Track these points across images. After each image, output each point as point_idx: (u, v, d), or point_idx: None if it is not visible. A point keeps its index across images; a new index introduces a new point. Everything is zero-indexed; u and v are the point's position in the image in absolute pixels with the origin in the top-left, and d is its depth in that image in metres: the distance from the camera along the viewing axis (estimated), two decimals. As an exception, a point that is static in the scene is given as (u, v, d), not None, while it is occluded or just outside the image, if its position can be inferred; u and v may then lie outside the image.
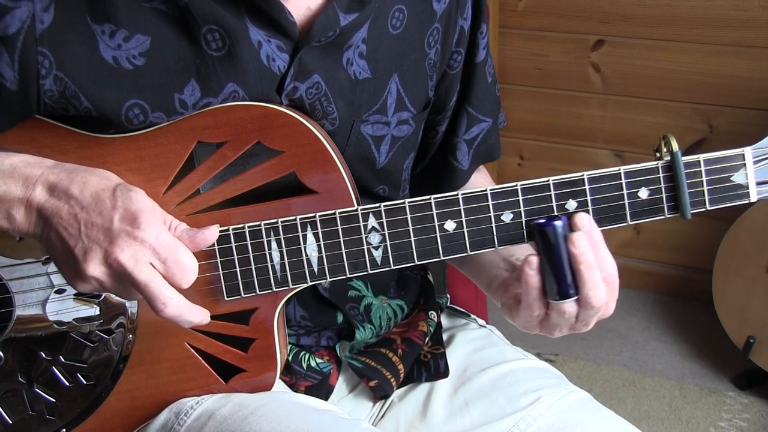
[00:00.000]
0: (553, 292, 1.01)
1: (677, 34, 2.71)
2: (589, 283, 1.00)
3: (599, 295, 1.00)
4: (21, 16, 0.97)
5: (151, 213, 0.97)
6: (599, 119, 2.92)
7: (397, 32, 1.14)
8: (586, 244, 0.99)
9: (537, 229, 1.01)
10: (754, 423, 2.45)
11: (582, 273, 0.99)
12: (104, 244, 0.96)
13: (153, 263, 0.97)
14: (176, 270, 0.97)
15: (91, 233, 0.97)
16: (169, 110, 1.03)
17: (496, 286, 1.15)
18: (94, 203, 0.97)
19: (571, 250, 0.99)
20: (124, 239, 0.96)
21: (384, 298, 1.27)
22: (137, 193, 0.98)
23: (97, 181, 0.99)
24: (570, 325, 1.05)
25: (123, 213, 0.96)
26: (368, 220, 1.04)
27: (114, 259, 0.96)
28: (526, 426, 1.17)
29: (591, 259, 0.99)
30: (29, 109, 1.01)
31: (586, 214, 1.01)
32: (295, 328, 1.21)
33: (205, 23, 1.02)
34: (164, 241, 0.97)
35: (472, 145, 1.28)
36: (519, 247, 1.12)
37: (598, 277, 1.00)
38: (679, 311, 2.92)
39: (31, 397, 1.09)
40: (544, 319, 1.05)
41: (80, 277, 0.98)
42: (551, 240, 1.00)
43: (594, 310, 1.02)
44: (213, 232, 1.02)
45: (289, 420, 1.04)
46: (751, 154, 1.03)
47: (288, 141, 1.04)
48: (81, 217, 0.97)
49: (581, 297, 1.01)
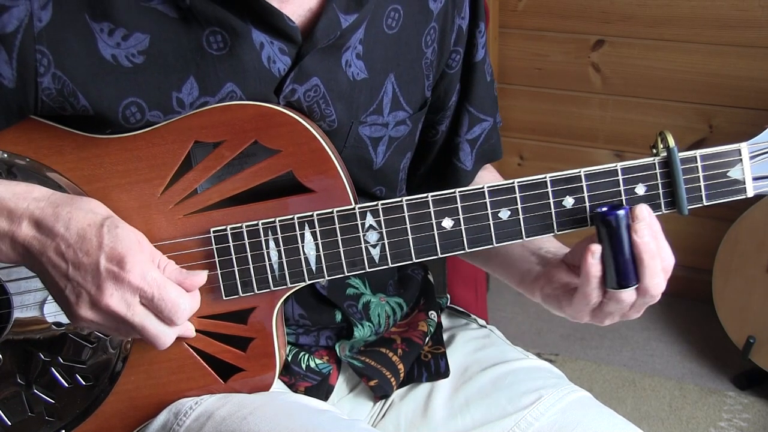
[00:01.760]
0: (613, 281, 1.02)
1: (677, 34, 2.70)
2: (651, 272, 1.02)
3: (659, 284, 1.03)
4: (19, 14, 0.97)
5: (138, 251, 0.97)
6: (599, 119, 2.92)
7: (393, 32, 1.14)
8: (650, 233, 1.01)
9: (600, 218, 1.01)
10: (754, 423, 2.44)
11: (645, 262, 1.01)
12: (92, 288, 0.97)
13: (143, 303, 0.98)
14: (165, 308, 0.99)
15: (79, 275, 0.97)
16: (166, 109, 1.03)
17: (530, 280, 1.16)
18: (80, 241, 0.97)
19: (635, 239, 1.00)
20: (111, 283, 0.96)
21: (382, 295, 1.27)
22: (124, 229, 0.98)
23: (83, 216, 0.98)
24: (622, 313, 1.07)
25: (109, 253, 0.96)
26: (366, 218, 1.04)
27: (104, 304, 0.97)
28: (526, 425, 1.17)
29: (654, 249, 1.01)
30: (26, 108, 1.01)
31: (645, 206, 1.02)
32: (293, 327, 1.21)
33: (208, 25, 1.02)
34: (152, 280, 0.97)
35: (475, 145, 1.29)
36: (547, 240, 1.14)
37: (659, 266, 1.02)
38: (679, 311, 2.92)
39: (31, 399, 1.09)
40: (597, 307, 1.06)
41: (74, 317, 1.00)
42: (615, 229, 1.01)
43: (652, 298, 1.04)
44: (202, 278, 1.03)
45: (288, 420, 1.04)
46: (747, 149, 1.04)
47: (285, 140, 1.04)
48: (68, 257, 0.97)
49: (642, 286, 1.02)
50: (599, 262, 1.02)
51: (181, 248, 1.06)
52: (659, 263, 1.02)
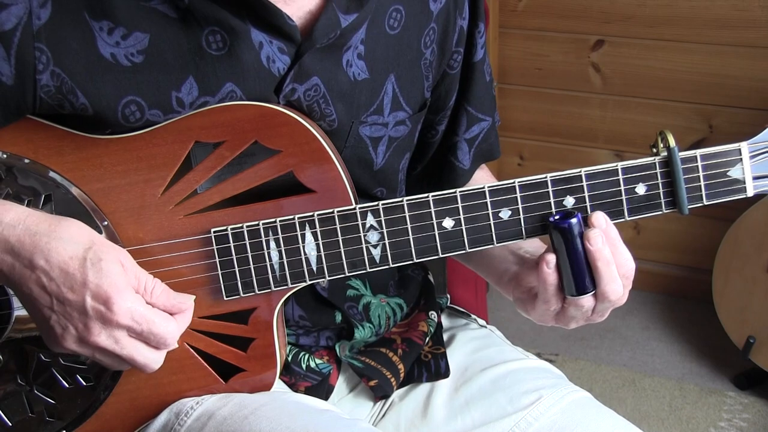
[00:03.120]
0: (571, 288, 1.03)
1: (677, 34, 2.71)
2: (606, 278, 1.02)
3: (616, 289, 1.03)
4: (18, 12, 0.97)
5: (123, 288, 0.97)
6: (599, 119, 2.92)
7: (395, 32, 1.14)
8: (603, 240, 1.01)
9: (553, 227, 1.02)
10: (754, 423, 2.44)
11: (599, 269, 1.01)
12: (79, 324, 0.97)
13: (132, 336, 0.98)
14: (154, 339, 0.99)
15: (64, 309, 0.96)
16: (166, 108, 1.03)
17: (507, 280, 1.16)
18: (62, 276, 0.96)
19: (588, 246, 1.01)
20: (98, 323, 0.96)
21: (383, 296, 1.27)
22: (108, 260, 0.96)
23: (63, 247, 0.96)
24: (586, 317, 1.07)
25: (95, 291, 0.96)
26: (367, 218, 1.04)
27: (93, 342, 0.97)
28: (526, 426, 1.17)
29: (608, 255, 1.01)
30: (25, 106, 1.01)
31: (601, 213, 1.03)
32: (294, 327, 1.21)
33: (207, 25, 1.02)
34: (140, 316, 0.97)
35: (473, 144, 1.29)
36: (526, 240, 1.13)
37: (615, 272, 1.02)
38: (679, 311, 2.92)
39: (31, 399, 1.09)
40: (560, 312, 1.07)
41: (59, 348, 0.99)
42: (568, 237, 1.01)
43: (611, 303, 1.04)
44: (190, 302, 1.03)
45: (289, 420, 1.04)
46: (747, 149, 1.04)
47: (286, 140, 1.04)
48: (51, 290, 0.96)
49: (598, 291, 1.03)
50: (554, 271, 1.03)
51: (181, 248, 1.06)
52: (614, 269, 1.02)
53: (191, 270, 1.06)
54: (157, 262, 1.06)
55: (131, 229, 1.06)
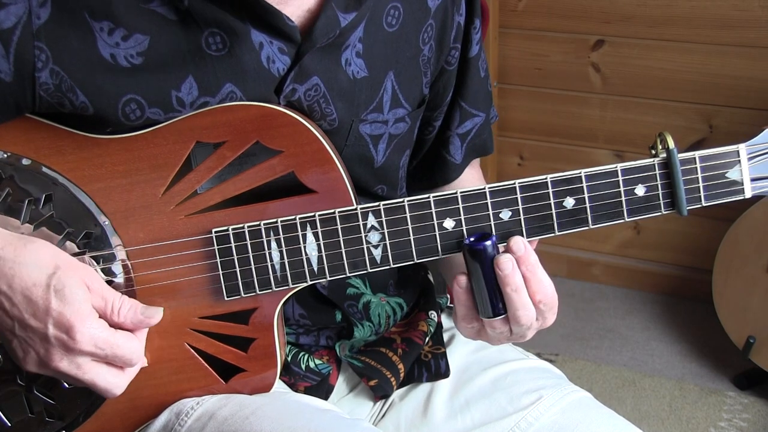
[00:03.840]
0: (483, 310, 1.03)
1: (677, 34, 2.71)
2: (516, 304, 1.01)
3: (527, 315, 1.02)
4: (17, 11, 0.98)
5: (87, 315, 0.96)
6: (599, 119, 2.92)
7: (393, 30, 1.14)
8: (513, 266, 1.01)
9: (467, 249, 1.02)
10: (754, 423, 2.44)
11: (508, 294, 1.01)
12: (41, 350, 0.97)
13: (96, 360, 0.98)
14: (118, 360, 0.99)
15: (26, 334, 0.97)
16: (166, 107, 1.03)
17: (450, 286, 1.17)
18: (25, 303, 0.96)
19: (497, 272, 1.01)
20: (60, 350, 0.97)
21: (383, 295, 1.27)
22: (71, 287, 0.96)
23: (27, 273, 0.96)
24: (506, 338, 1.07)
25: (57, 319, 0.95)
26: (367, 218, 1.04)
27: (54, 367, 0.97)
28: (527, 426, 1.17)
29: (517, 282, 1.01)
30: (24, 103, 1.01)
31: (521, 238, 1.03)
32: (294, 327, 1.21)
33: (207, 26, 1.02)
34: (103, 342, 0.97)
35: (466, 140, 1.29)
36: None
37: (526, 298, 1.02)
38: (679, 311, 2.92)
39: (31, 399, 1.09)
40: (480, 330, 1.07)
41: (22, 367, 1.00)
42: (479, 260, 1.02)
43: (524, 327, 1.04)
44: (159, 315, 1.03)
45: (290, 420, 1.04)
46: (746, 150, 1.04)
47: (287, 141, 1.04)
48: (13, 314, 0.96)
49: (509, 316, 1.03)
50: (465, 291, 1.04)
51: (182, 249, 1.06)
52: (524, 296, 1.01)
53: (192, 270, 1.06)
54: (158, 262, 1.06)
55: (132, 229, 1.06)
